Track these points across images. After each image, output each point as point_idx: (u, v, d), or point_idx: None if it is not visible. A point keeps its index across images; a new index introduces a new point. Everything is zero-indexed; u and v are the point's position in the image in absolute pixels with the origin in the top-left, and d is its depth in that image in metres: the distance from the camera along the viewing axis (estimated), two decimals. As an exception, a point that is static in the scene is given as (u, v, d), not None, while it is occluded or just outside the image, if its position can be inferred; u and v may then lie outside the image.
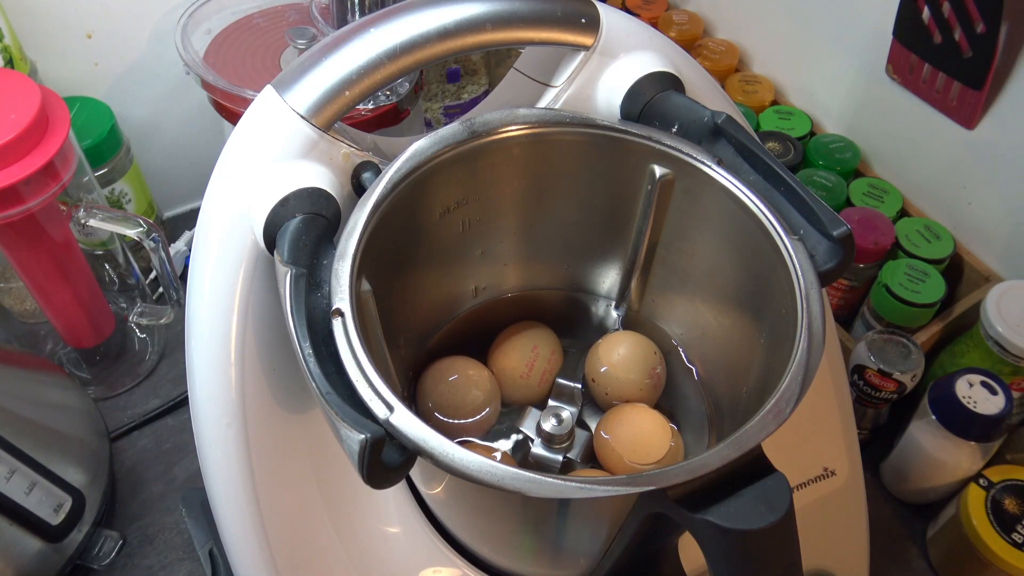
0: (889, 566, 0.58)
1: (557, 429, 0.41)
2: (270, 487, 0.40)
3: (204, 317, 0.37)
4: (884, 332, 0.59)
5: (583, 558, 0.39)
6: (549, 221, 0.44)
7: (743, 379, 0.40)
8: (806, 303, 0.33)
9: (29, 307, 0.67)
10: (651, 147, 0.39)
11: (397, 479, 0.29)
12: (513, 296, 0.47)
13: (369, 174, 0.38)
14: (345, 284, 0.32)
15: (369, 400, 0.29)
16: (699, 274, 0.42)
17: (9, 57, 0.60)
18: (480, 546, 0.42)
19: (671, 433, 0.41)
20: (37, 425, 0.55)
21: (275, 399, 0.39)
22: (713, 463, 0.28)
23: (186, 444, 0.64)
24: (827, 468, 0.49)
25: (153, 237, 0.57)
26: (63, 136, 0.50)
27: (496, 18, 0.38)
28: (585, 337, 0.47)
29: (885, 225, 0.63)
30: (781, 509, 0.28)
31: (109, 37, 0.68)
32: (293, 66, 0.37)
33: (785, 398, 0.30)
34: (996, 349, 0.55)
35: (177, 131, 0.76)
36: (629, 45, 0.41)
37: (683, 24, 0.80)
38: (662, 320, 0.46)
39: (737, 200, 0.37)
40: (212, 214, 0.37)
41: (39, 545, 0.51)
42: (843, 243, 0.34)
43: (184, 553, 0.58)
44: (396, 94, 0.58)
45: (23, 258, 0.55)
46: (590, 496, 0.28)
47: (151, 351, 0.68)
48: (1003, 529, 0.52)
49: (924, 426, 0.56)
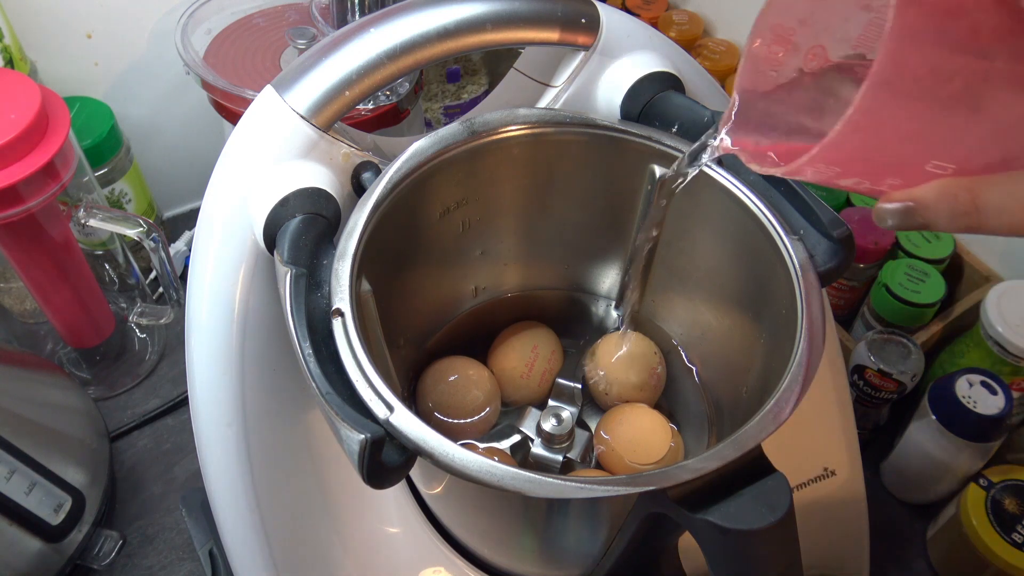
0: (889, 566, 0.58)
1: (557, 429, 0.41)
2: (270, 487, 0.40)
3: (204, 317, 0.37)
4: (884, 332, 0.59)
5: (583, 558, 0.39)
6: (549, 221, 0.44)
7: (743, 379, 0.40)
8: (806, 303, 0.33)
9: (29, 307, 0.67)
10: (651, 147, 0.39)
11: (397, 479, 0.29)
12: (513, 296, 0.47)
13: (369, 174, 0.38)
14: (345, 284, 0.32)
15: (369, 400, 0.29)
16: (699, 274, 0.42)
17: (9, 57, 0.60)
18: (480, 546, 0.42)
19: (671, 433, 0.41)
20: (37, 425, 0.55)
21: (275, 399, 0.39)
22: (713, 463, 0.28)
23: (186, 444, 0.64)
24: (827, 468, 0.49)
25: (153, 237, 0.57)
26: (63, 136, 0.50)
27: (496, 18, 0.38)
28: (585, 337, 0.47)
29: (885, 225, 0.63)
30: (781, 509, 0.28)
31: (109, 37, 0.68)
32: (293, 66, 0.37)
33: (785, 398, 0.30)
34: (996, 349, 0.55)
35: (177, 131, 0.76)
36: (629, 45, 0.41)
37: (683, 24, 0.80)
38: (662, 320, 0.46)
39: (737, 200, 0.37)
40: (212, 214, 0.37)
41: (39, 545, 0.51)
42: (843, 243, 0.34)
43: (184, 553, 0.58)
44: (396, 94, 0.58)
45: (23, 258, 0.55)
46: (590, 496, 0.28)
47: (151, 351, 0.68)
48: (1003, 529, 0.52)
49: (924, 426, 0.56)
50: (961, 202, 0.25)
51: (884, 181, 0.26)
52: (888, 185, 0.26)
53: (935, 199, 0.25)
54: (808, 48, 0.29)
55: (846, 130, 0.23)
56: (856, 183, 0.26)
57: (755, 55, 0.30)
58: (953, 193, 0.25)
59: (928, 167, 0.25)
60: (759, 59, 0.30)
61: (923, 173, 0.25)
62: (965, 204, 0.25)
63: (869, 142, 0.24)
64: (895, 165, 0.25)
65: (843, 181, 0.25)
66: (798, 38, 0.29)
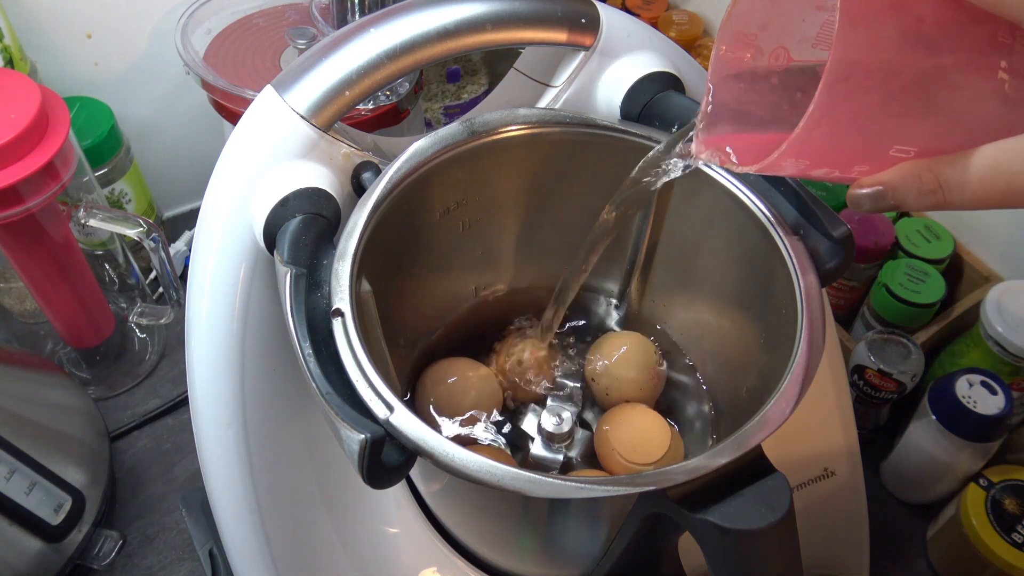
0: (889, 566, 0.58)
1: (557, 429, 0.41)
2: (270, 487, 0.40)
3: (204, 317, 0.37)
4: (884, 332, 0.59)
5: (583, 558, 0.39)
6: (549, 221, 0.44)
7: (743, 379, 0.40)
8: (806, 303, 0.33)
9: (29, 307, 0.67)
10: (651, 147, 0.39)
11: (397, 479, 0.29)
12: (513, 296, 0.47)
13: (369, 174, 0.38)
14: (345, 284, 0.32)
15: (369, 400, 0.29)
16: (699, 274, 0.42)
17: (9, 57, 0.60)
18: (480, 546, 0.42)
19: (671, 433, 0.41)
20: (37, 425, 0.55)
21: (275, 399, 0.39)
22: (713, 463, 0.28)
23: (186, 444, 0.64)
24: (827, 468, 0.49)
25: (153, 237, 0.57)
26: (63, 136, 0.50)
27: (496, 18, 0.38)
28: (585, 336, 0.47)
29: (885, 225, 0.63)
30: (781, 509, 0.28)
31: (109, 37, 0.68)
32: (293, 66, 0.37)
33: (785, 398, 0.30)
34: (996, 349, 0.55)
35: (177, 131, 0.76)
36: (629, 45, 0.41)
37: (683, 24, 0.80)
38: (662, 320, 0.46)
39: (737, 200, 0.37)
40: (212, 214, 0.37)
41: (39, 545, 0.51)
42: (843, 243, 0.34)
43: (184, 553, 0.58)
44: (396, 94, 0.58)
45: (23, 258, 0.55)
46: (590, 496, 0.28)
47: (151, 351, 0.68)
48: (1003, 529, 0.52)
49: (924, 426, 0.56)
50: (925, 181, 0.26)
51: (853, 168, 0.27)
52: (857, 172, 0.27)
53: (900, 181, 0.26)
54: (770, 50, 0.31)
55: (809, 126, 0.24)
56: (827, 172, 0.27)
57: (723, 60, 0.31)
58: (917, 174, 0.26)
59: (892, 152, 0.26)
60: (727, 63, 0.31)
61: (887, 158, 0.26)
62: (929, 183, 0.26)
63: (833, 134, 0.25)
64: (861, 152, 0.26)
65: (815, 172, 0.27)
66: (760, 42, 0.31)
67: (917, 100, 0.25)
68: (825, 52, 0.30)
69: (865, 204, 0.27)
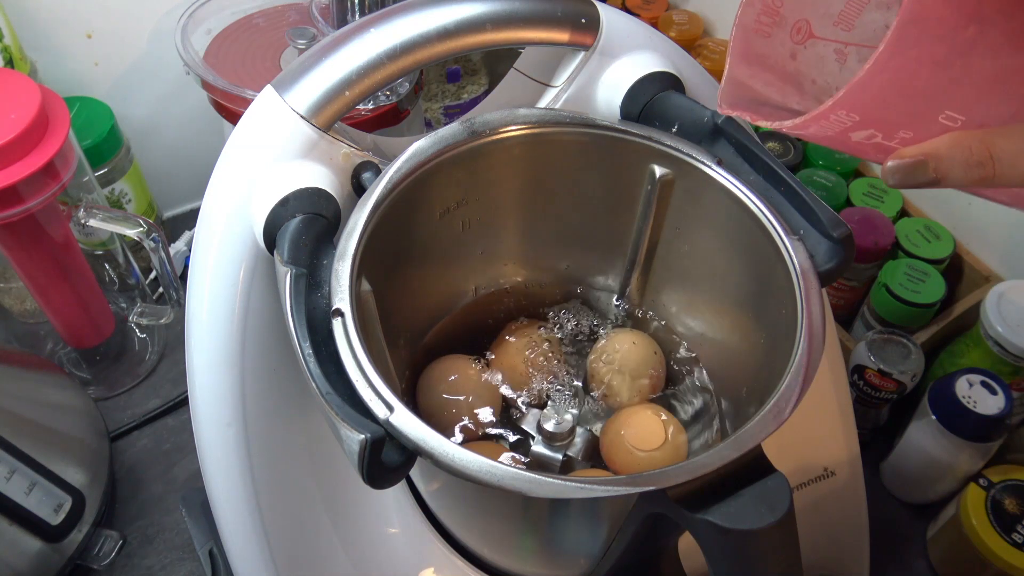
0: (889, 566, 0.58)
1: (557, 428, 0.41)
2: (270, 487, 0.40)
3: (204, 317, 0.37)
4: (884, 332, 0.59)
5: (583, 558, 0.39)
6: (549, 221, 0.44)
7: (743, 378, 0.40)
8: (806, 303, 0.33)
9: (29, 307, 0.67)
10: (651, 147, 0.39)
11: (397, 479, 0.29)
12: (513, 295, 0.47)
13: (369, 174, 0.38)
14: (345, 284, 0.32)
15: (369, 400, 0.29)
16: (699, 274, 0.42)
17: (9, 57, 0.60)
18: (480, 546, 0.42)
19: (671, 432, 0.41)
20: (37, 425, 0.55)
21: (275, 399, 0.39)
22: (713, 463, 0.28)
23: (186, 444, 0.64)
24: (827, 468, 0.49)
25: (153, 237, 0.57)
26: (63, 136, 0.50)
27: (496, 18, 0.38)
28: (585, 336, 0.47)
29: (885, 225, 0.63)
30: (781, 509, 0.28)
31: (109, 37, 0.68)
32: (293, 66, 0.37)
33: (785, 398, 0.30)
34: (996, 349, 0.55)
35: (177, 131, 0.76)
36: (629, 45, 0.41)
37: (683, 24, 0.80)
38: (662, 320, 0.46)
39: (737, 200, 0.37)
40: (212, 214, 0.37)
41: (39, 545, 0.51)
42: (843, 243, 0.34)
43: (184, 553, 0.58)
44: (396, 94, 0.58)
45: (23, 258, 0.55)
46: (590, 496, 0.28)
47: (151, 351, 0.68)
48: (1003, 529, 0.52)
49: (924, 426, 0.56)
50: (975, 152, 0.25)
51: (897, 134, 0.26)
52: (899, 140, 0.26)
53: (948, 151, 0.25)
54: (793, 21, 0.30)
55: (875, 69, 0.23)
56: (869, 136, 0.26)
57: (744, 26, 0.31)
58: (967, 144, 0.25)
59: (941, 118, 0.25)
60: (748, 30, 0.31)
61: (935, 125, 0.25)
62: (980, 154, 0.25)
63: (892, 83, 0.24)
64: (910, 114, 0.25)
65: (857, 134, 0.26)
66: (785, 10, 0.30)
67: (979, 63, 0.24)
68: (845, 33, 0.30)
69: (900, 176, 0.26)
